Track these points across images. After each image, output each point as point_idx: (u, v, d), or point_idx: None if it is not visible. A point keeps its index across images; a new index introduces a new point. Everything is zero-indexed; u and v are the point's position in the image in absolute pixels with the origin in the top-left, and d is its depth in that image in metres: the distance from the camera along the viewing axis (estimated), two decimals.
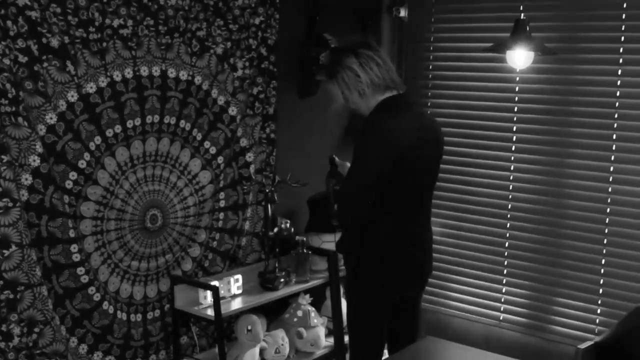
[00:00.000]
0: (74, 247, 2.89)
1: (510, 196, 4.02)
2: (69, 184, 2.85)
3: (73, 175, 2.86)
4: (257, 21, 3.46)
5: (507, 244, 4.05)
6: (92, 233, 2.97)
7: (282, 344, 3.48)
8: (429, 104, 4.24)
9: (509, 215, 4.03)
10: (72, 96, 2.81)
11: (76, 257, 2.90)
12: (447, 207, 4.25)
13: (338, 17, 3.98)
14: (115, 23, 2.90)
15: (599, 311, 3.76)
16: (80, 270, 2.93)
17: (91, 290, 2.98)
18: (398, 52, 4.37)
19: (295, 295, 3.62)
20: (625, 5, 3.57)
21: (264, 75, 3.54)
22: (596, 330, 3.74)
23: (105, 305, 3.04)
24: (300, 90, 3.84)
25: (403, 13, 4.24)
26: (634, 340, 3.24)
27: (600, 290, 3.75)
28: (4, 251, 2.64)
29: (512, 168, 4.00)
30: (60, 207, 2.82)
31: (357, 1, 4.14)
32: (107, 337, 3.07)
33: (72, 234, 2.87)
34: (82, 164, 2.88)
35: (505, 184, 4.03)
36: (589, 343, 3.22)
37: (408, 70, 4.32)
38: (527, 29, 3.31)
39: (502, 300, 4.09)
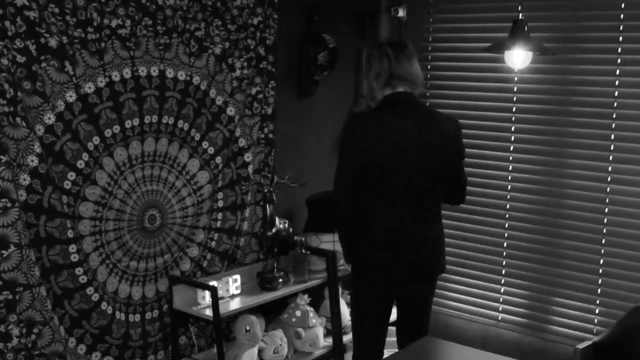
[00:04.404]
0: (72, 248, 2.88)
1: (508, 196, 4.02)
2: (67, 184, 2.85)
3: (71, 175, 2.86)
4: (255, 21, 3.46)
5: (505, 244, 4.06)
6: (91, 233, 2.97)
7: (281, 344, 3.48)
8: (427, 104, 4.24)
9: (507, 215, 4.04)
10: (71, 96, 2.80)
11: (75, 258, 2.90)
12: (445, 206, 4.23)
13: (336, 17, 3.98)
14: (114, 23, 2.90)
15: (597, 311, 3.77)
16: (79, 270, 2.93)
17: (90, 290, 2.97)
18: None
19: (294, 295, 3.62)
20: (623, 6, 3.58)
21: (262, 76, 3.54)
22: (594, 330, 3.75)
23: (103, 305, 3.03)
24: (299, 90, 3.85)
25: (401, 13, 4.25)
26: (633, 340, 3.24)
27: (599, 290, 3.75)
28: (3, 252, 2.64)
29: (510, 168, 4.01)
30: (59, 208, 2.81)
31: (356, 1, 4.14)
32: (106, 337, 3.07)
33: (70, 234, 2.87)
34: (80, 164, 2.88)
35: (503, 184, 4.04)
36: (587, 343, 3.23)
37: None
38: (526, 29, 3.31)
39: (501, 300, 4.10)
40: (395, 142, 2.95)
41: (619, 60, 3.63)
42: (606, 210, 3.71)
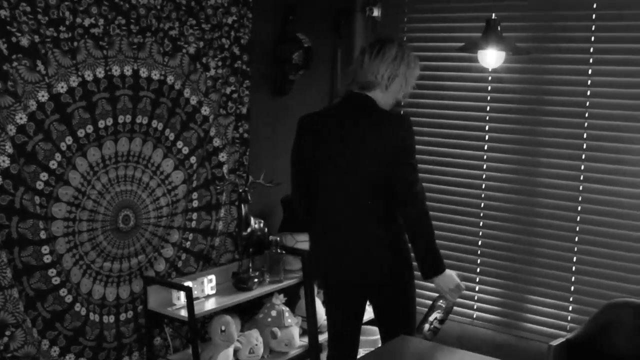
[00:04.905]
0: (45, 249, 2.86)
1: (483, 195, 4.04)
2: (39, 185, 2.82)
3: (44, 176, 2.83)
4: (229, 20, 3.45)
5: (480, 243, 4.08)
6: (64, 234, 2.94)
7: (256, 344, 3.48)
8: (401, 104, 4.24)
9: (481, 214, 4.06)
10: (43, 96, 2.78)
11: (47, 259, 2.87)
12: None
13: (312, 16, 3.97)
14: (87, 22, 2.88)
15: (570, 308, 3.80)
16: (52, 272, 2.90)
17: (63, 292, 2.95)
18: None
19: (269, 295, 3.61)
20: (595, 6, 3.61)
21: (237, 75, 3.54)
22: (568, 327, 3.78)
23: (77, 307, 3.01)
24: (274, 89, 3.84)
25: (376, 13, 4.26)
26: (605, 337, 3.27)
27: (572, 288, 3.78)
28: None
29: (484, 167, 4.03)
30: (31, 208, 2.79)
31: (331, 1, 4.14)
32: (79, 339, 3.04)
33: (43, 235, 2.84)
34: (53, 164, 2.85)
35: (478, 183, 4.06)
36: (561, 340, 3.26)
37: None
38: (499, 28, 3.33)
39: (475, 298, 4.11)
40: (324, 143, 2.95)
41: (591, 60, 3.65)
42: (579, 208, 3.74)
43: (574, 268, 3.77)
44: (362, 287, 3.06)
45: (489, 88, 3.98)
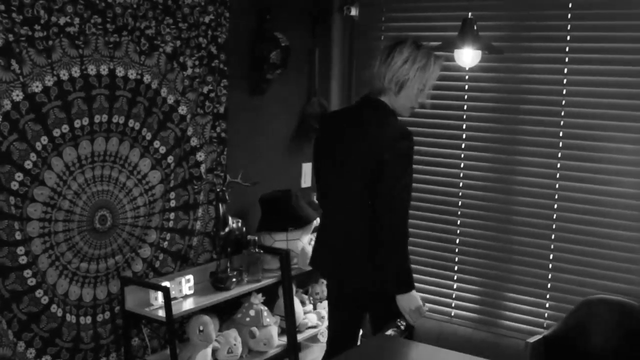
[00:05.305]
0: (20, 250, 2.83)
1: (460, 193, 4.07)
2: (14, 185, 2.79)
3: (19, 176, 2.80)
4: (207, 19, 3.44)
5: (457, 241, 4.10)
6: (40, 235, 2.91)
7: (235, 344, 3.47)
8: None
9: (459, 212, 4.08)
10: (18, 95, 2.75)
11: (23, 260, 2.85)
12: None
13: (289, 15, 3.97)
14: (62, 21, 2.86)
15: (547, 305, 3.83)
16: (28, 273, 2.87)
17: (39, 293, 2.92)
18: (349, 50, 4.39)
19: (248, 294, 3.60)
20: (570, 5, 3.64)
21: (214, 74, 3.53)
22: (545, 324, 3.81)
23: (53, 308, 2.98)
24: (251, 88, 3.83)
25: (354, 12, 4.27)
26: (581, 333, 3.31)
27: (549, 285, 3.81)
28: None
29: (462, 165, 4.05)
30: (6, 209, 2.76)
31: (309, 0, 4.14)
32: (56, 340, 3.02)
33: (18, 236, 2.81)
34: (28, 164, 2.82)
35: (455, 182, 4.08)
36: (538, 337, 3.29)
37: (358, 69, 4.33)
38: (475, 27, 3.34)
39: (453, 296, 4.14)
40: (330, 144, 3.03)
41: (566, 59, 3.69)
42: (555, 206, 3.77)
43: (550, 266, 3.80)
44: (367, 290, 3.04)
45: (466, 87, 4.00)
